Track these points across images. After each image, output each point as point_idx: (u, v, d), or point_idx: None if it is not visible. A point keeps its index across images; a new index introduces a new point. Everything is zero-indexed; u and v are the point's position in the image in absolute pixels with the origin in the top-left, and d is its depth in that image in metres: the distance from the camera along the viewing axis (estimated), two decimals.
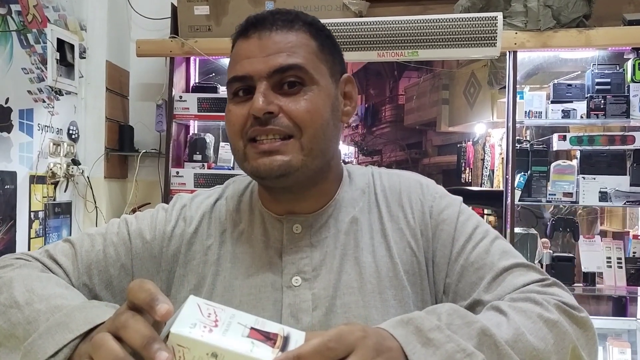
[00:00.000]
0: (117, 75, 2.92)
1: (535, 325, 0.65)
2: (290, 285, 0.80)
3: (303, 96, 0.77)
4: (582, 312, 0.71)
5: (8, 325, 0.64)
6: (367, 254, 0.81)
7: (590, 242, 2.54)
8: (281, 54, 0.76)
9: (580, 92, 2.56)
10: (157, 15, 2.90)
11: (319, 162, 0.79)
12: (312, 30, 0.81)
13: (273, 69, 0.76)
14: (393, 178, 0.89)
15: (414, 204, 0.85)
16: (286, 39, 0.78)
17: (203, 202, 0.89)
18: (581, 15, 2.39)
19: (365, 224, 0.84)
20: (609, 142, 2.53)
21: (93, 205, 2.73)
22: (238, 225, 0.85)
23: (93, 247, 0.82)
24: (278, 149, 0.76)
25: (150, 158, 2.94)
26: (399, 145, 7.03)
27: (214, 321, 0.51)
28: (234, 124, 0.78)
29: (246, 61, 0.77)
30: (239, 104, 0.79)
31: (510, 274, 0.76)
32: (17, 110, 2.25)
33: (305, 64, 0.77)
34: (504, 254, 0.79)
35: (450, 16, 2.33)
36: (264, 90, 0.75)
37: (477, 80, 4.06)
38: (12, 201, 2.24)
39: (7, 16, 2.19)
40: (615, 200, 2.45)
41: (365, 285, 0.79)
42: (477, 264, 0.78)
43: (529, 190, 2.56)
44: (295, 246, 0.82)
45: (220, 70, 2.96)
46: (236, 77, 0.78)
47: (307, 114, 0.76)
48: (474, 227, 0.82)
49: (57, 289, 0.70)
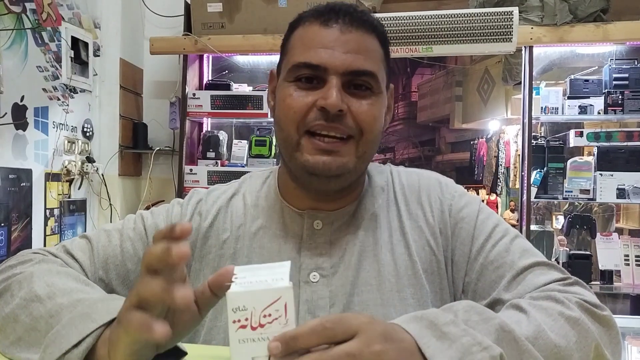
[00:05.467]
0: (131, 72, 2.93)
1: (557, 323, 0.63)
2: (307, 281, 0.79)
3: (369, 101, 0.77)
4: (605, 310, 0.69)
5: (30, 319, 0.64)
6: (385, 251, 0.81)
7: (607, 240, 2.51)
8: (359, 56, 0.76)
9: (597, 88, 2.52)
10: (170, 13, 2.91)
11: (365, 166, 0.82)
12: (381, 37, 0.81)
13: (350, 69, 0.75)
14: (412, 176, 0.89)
15: (433, 202, 0.84)
16: (365, 41, 0.77)
17: (219, 196, 0.88)
18: (598, 10, 2.35)
19: (384, 221, 0.84)
20: (627, 138, 2.49)
21: (107, 202, 2.75)
22: (256, 220, 0.85)
23: (110, 242, 0.82)
24: (338, 149, 0.76)
25: (164, 155, 2.95)
26: (412, 143, 7.02)
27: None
28: (295, 111, 0.76)
29: (323, 51, 0.75)
30: (302, 90, 0.77)
31: (531, 272, 0.75)
32: (32, 108, 2.26)
33: (377, 72, 0.78)
34: (525, 252, 0.78)
35: (465, 11, 2.31)
36: (337, 85, 0.74)
37: (491, 77, 4.02)
38: (27, 198, 2.25)
39: (22, 14, 2.20)
40: (634, 197, 2.41)
41: (384, 283, 0.79)
42: (497, 263, 0.77)
43: (545, 187, 2.53)
44: (315, 242, 0.81)
45: (234, 67, 2.96)
46: (309, 64, 0.76)
47: (371, 117, 0.77)
48: (493, 226, 0.81)
49: (77, 284, 0.70)
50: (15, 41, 2.17)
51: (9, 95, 2.12)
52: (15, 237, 2.17)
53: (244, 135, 2.94)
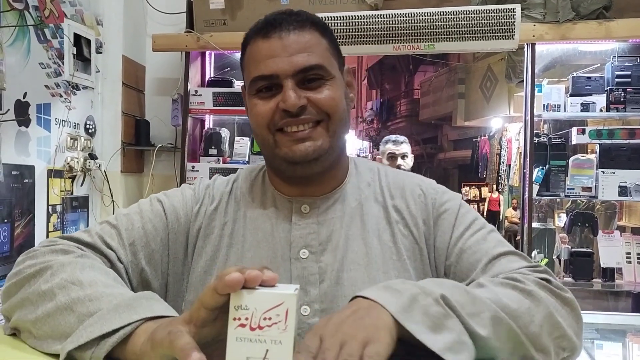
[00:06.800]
0: (133, 69, 2.93)
1: (511, 292, 0.71)
2: (297, 257, 0.87)
3: (325, 88, 0.86)
4: (567, 292, 0.76)
5: (66, 299, 0.68)
6: (373, 237, 0.89)
7: (609, 238, 2.51)
8: (302, 54, 0.84)
9: (599, 85, 2.52)
10: (172, 10, 2.91)
11: (340, 144, 0.90)
12: (320, 29, 0.89)
13: (298, 68, 0.84)
14: (398, 176, 0.98)
15: (417, 197, 0.93)
16: (304, 39, 0.86)
17: (222, 183, 0.98)
18: (601, 7, 2.35)
19: (370, 211, 0.92)
20: (629, 136, 2.48)
21: (110, 199, 2.76)
22: (251, 205, 0.94)
23: (133, 226, 0.88)
24: (310, 135, 0.85)
25: (166, 152, 2.96)
26: (414, 140, 7.00)
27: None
28: (262, 117, 0.86)
29: (270, 61, 0.84)
30: (264, 99, 0.86)
31: (505, 258, 0.83)
32: (34, 104, 2.27)
33: (323, 62, 0.86)
34: (499, 242, 0.87)
35: (468, 8, 2.31)
36: (292, 86, 0.84)
37: (494, 74, 4.01)
38: (30, 195, 2.26)
39: (25, 11, 2.21)
40: (636, 194, 2.41)
41: (371, 264, 0.87)
42: (475, 248, 0.86)
43: (547, 185, 2.53)
44: (303, 223, 0.90)
45: (236, 64, 2.96)
46: (263, 76, 0.85)
47: (333, 101, 0.86)
48: (473, 219, 0.90)
49: (116, 283, 0.75)
50: (18, 38, 2.17)
51: (12, 92, 2.13)
52: (18, 233, 2.18)
53: (246, 132, 2.95)
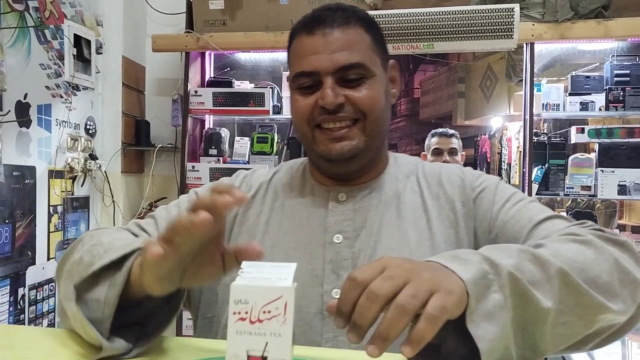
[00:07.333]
0: (133, 70, 2.94)
1: (572, 246, 0.69)
2: (331, 242, 0.88)
3: (364, 87, 0.88)
4: (621, 237, 0.75)
5: (90, 257, 0.73)
6: (408, 224, 0.90)
7: None
8: (343, 52, 0.86)
9: (598, 84, 2.52)
10: (172, 10, 2.92)
11: (377, 142, 0.92)
12: (365, 25, 0.90)
13: (338, 66, 0.86)
14: (435, 166, 0.99)
15: (454, 182, 0.94)
16: (346, 36, 0.87)
17: (262, 174, 1.02)
18: (600, 6, 2.35)
19: (407, 200, 0.93)
20: (628, 135, 2.49)
21: (110, 199, 2.76)
22: (289, 194, 0.97)
23: (169, 215, 0.95)
24: (346, 135, 0.88)
25: (166, 153, 2.96)
26: (414, 139, 6.98)
27: None
28: (302, 113, 0.90)
29: (313, 57, 0.87)
30: (304, 94, 0.90)
31: (549, 221, 0.83)
32: (35, 105, 2.28)
33: (364, 60, 0.87)
34: (542, 210, 0.86)
35: (467, 8, 2.31)
36: (331, 84, 0.86)
37: (494, 73, 4.01)
38: (31, 196, 2.27)
39: (25, 12, 2.21)
40: (635, 193, 2.42)
41: (404, 250, 0.87)
42: (517, 217, 0.85)
43: (546, 184, 2.53)
44: (339, 210, 0.92)
45: (235, 64, 2.97)
46: (304, 72, 0.88)
47: (370, 100, 0.88)
48: (512, 192, 0.91)
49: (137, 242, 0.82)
50: (18, 39, 2.18)
51: (13, 92, 2.13)
52: (19, 234, 2.18)
53: (246, 132, 2.95)
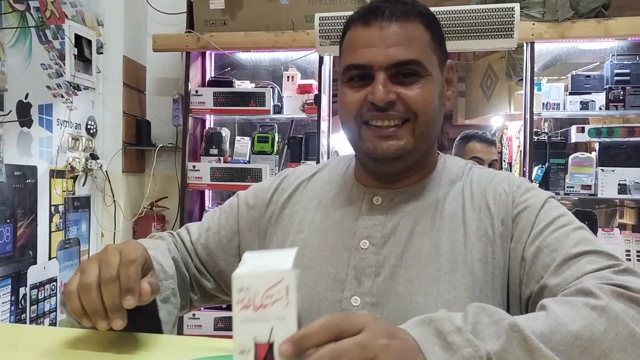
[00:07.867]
0: (134, 70, 2.94)
1: (580, 313, 0.60)
2: (357, 247, 0.85)
3: (418, 85, 0.83)
4: None
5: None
6: (441, 235, 0.84)
7: (609, 235, 2.51)
8: (399, 47, 0.82)
9: (599, 84, 2.52)
10: (173, 10, 2.92)
11: (426, 145, 0.87)
12: (425, 21, 0.85)
13: (392, 62, 0.81)
14: (484, 173, 0.92)
15: (498, 195, 0.86)
16: (404, 31, 0.83)
17: (304, 172, 1.01)
18: (600, 5, 2.35)
19: (447, 209, 0.87)
20: (629, 134, 2.49)
21: (111, 199, 2.77)
22: (328, 193, 0.94)
23: (212, 217, 1.02)
24: (394, 134, 0.83)
25: (167, 152, 2.97)
26: None
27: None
28: (350, 108, 0.85)
29: (366, 50, 0.82)
30: (354, 88, 0.85)
31: (583, 258, 0.73)
32: (36, 105, 2.28)
33: (420, 58, 0.83)
34: (583, 240, 0.76)
35: (467, 7, 2.31)
36: (383, 80, 0.82)
37: (494, 73, 4.00)
38: (33, 195, 2.27)
39: (26, 12, 2.22)
40: (635, 192, 2.42)
41: (433, 263, 0.81)
42: (552, 247, 0.77)
43: (546, 183, 2.54)
44: (371, 214, 0.88)
45: (236, 64, 2.97)
46: (356, 65, 0.84)
47: (423, 101, 0.83)
48: (557, 215, 0.81)
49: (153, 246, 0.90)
50: (20, 39, 2.18)
51: (14, 92, 2.14)
52: (20, 233, 2.19)
53: (247, 131, 2.96)
